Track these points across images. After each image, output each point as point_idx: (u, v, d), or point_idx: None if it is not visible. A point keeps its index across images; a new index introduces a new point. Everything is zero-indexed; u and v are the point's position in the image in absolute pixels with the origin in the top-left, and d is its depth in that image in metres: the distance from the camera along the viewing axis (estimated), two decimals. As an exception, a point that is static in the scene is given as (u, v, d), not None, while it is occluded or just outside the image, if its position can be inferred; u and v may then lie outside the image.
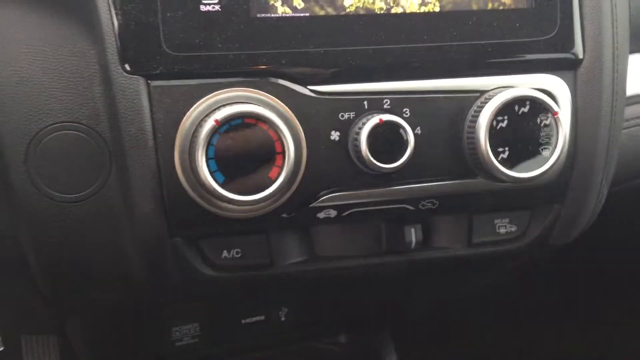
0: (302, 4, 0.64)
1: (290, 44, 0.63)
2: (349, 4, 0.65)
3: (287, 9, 0.63)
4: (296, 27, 0.63)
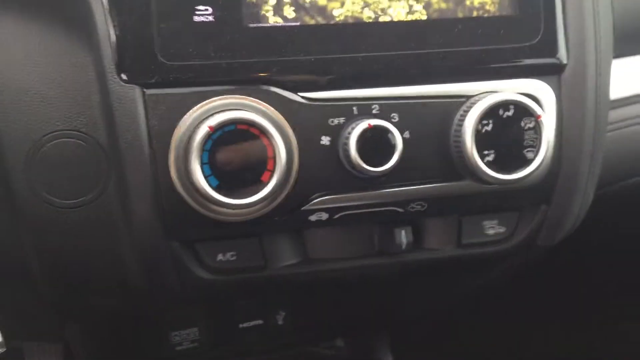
0: (292, 14, 0.66)
1: (281, 52, 0.65)
2: (338, 13, 0.67)
3: (278, 19, 0.66)
4: (287, 36, 0.65)
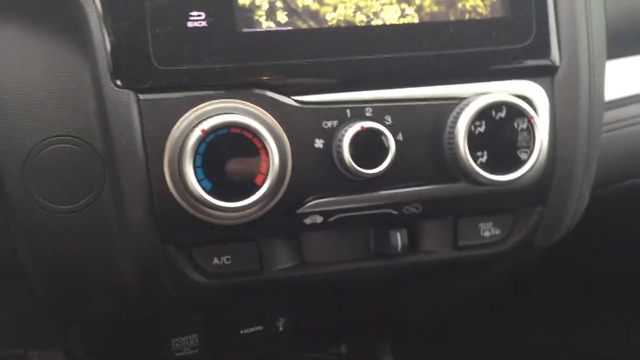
0: (285, 19, 0.67)
1: (274, 56, 0.66)
2: (330, 17, 0.68)
3: (271, 24, 0.66)
4: (280, 40, 0.66)
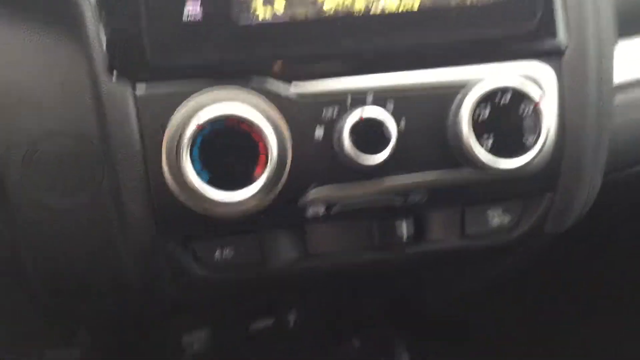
0: (282, 10, 0.66)
1: (272, 47, 0.65)
2: (329, 5, 0.67)
3: (268, 14, 0.65)
4: (278, 31, 0.65)
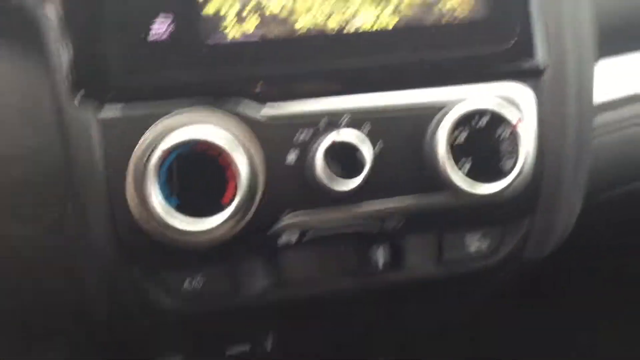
0: (253, 28, 0.64)
1: (242, 67, 0.63)
2: (301, 24, 0.65)
3: (238, 33, 0.63)
4: (248, 50, 0.63)
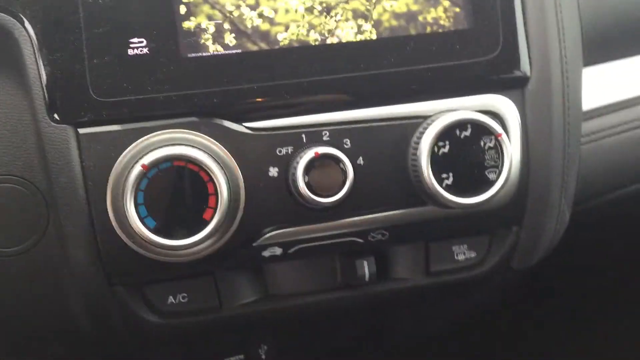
0: (233, 41, 0.63)
1: (222, 81, 0.62)
2: (282, 37, 0.64)
3: (218, 47, 0.63)
4: (228, 64, 0.62)
